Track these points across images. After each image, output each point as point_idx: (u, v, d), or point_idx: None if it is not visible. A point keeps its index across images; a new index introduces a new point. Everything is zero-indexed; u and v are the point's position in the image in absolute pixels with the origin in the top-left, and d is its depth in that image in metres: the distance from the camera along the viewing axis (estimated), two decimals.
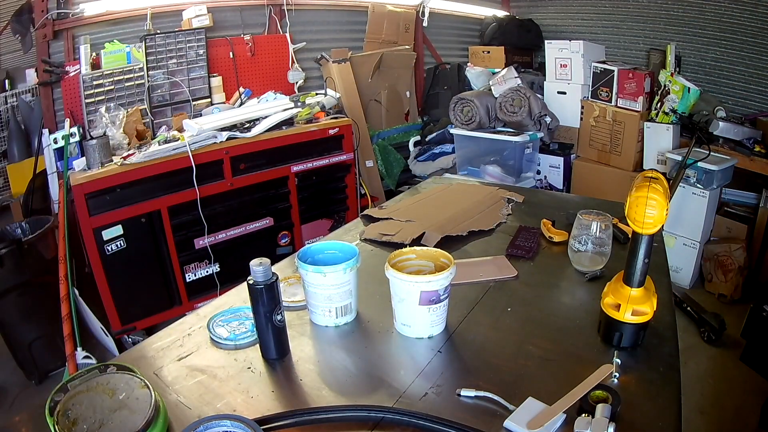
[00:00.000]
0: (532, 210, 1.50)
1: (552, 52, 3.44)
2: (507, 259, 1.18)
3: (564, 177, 3.51)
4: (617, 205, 1.32)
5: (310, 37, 3.41)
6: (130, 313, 2.36)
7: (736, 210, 2.99)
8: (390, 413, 0.71)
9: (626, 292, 0.83)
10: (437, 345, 0.88)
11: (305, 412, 0.71)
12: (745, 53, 3.32)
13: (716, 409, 2.04)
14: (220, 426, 0.64)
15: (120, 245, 2.25)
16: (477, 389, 0.75)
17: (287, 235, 2.77)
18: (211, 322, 0.95)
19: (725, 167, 2.71)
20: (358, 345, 0.91)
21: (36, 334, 2.19)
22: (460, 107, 3.31)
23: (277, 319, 0.82)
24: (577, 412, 0.69)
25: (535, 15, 4.43)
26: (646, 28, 3.79)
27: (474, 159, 3.37)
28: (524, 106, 3.16)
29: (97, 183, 2.17)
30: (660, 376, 0.79)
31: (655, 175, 0.80)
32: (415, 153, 3.89)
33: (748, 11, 3.23)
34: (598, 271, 1.09)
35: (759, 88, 3.31)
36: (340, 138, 2.87)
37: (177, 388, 0.79)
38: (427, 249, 0.98)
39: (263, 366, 0.84)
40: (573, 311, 0.99)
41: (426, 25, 4.12)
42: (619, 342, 0.85)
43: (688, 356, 2.34)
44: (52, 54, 2.60)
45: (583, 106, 3.40)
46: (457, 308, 0.97)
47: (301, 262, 0.93)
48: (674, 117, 3.04)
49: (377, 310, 0.98)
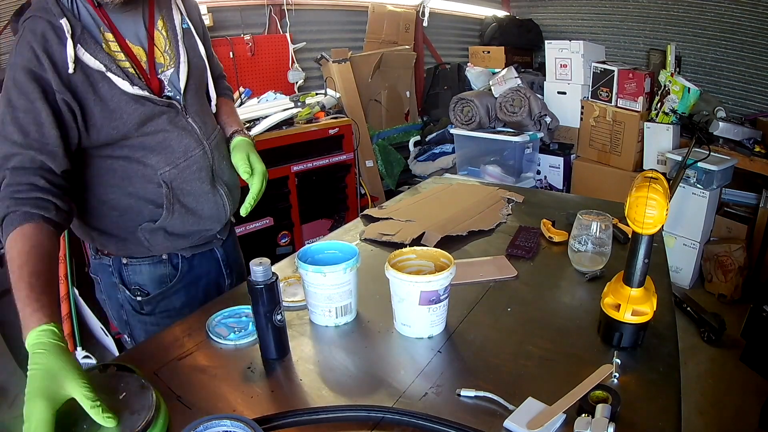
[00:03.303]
0: (532, 210, 1.50)
1: (552, 52, 3.44)
2: (507, 259, 1.18)
3: (564, 177, 3.51)
4: (617, 205, 1.32)
5: (310, 37, 3.41)
6: None
7: (736, 210, 2.99)
8: (390, 413, 0.71)
9: (626, 292, 0.83)
10: (437, 345, 0.88)
11: (305, 412, 0.71)
12: (745, 53, 3.33)
13: (716, 409, 2.04)
14: (220, 426, 0.64)
15: None
16: (477, 389, 0.75)
17: (287, 235, 2.77)
18: (211, 322, 0.95)
19: (725, 167, 2.71)
20: (358, 345, 0.91)
21: None
22: (460, 107, 3.31)
23: (277, 319, 0.82)
24: (577, 412, 0.69)
25: (535, 15, 4.44)
26: (646, 28, 3.79)
27: (474, 159, 3.37)
28: (524, 106, 3.16)
29: None
30: (660, 376, 0.79)
31: (655, 175, 0.80)
32: (415, 153, 3.89)
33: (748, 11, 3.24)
34: (598, 271, 1.09)
35: (759, 88, 3.32)
36: (340, 138, 2.87)
37: (177, 388, 0.79)
38: (427, 249, 0.98)
39: (263, 366, 0.84)
40: (573, 311, 0.99)
41: (426, 25, 4.12)
42: (619, 342, 0.85)
43: (688, 356, 2.34)
44: None
45: (583, 106, 3.40)
46: (457, 308, 0.97)
47: (301, 262, 0.93)
48: (674, 117, 3.04)
49: (377, 310, 0.98)
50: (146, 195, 1.04)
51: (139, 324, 1.15)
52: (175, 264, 1.14)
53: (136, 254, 1.10)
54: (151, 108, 0.99)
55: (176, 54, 1.06)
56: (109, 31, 0.96)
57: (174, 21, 1.06)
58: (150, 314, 1.14)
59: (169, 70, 1.05)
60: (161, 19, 1.04)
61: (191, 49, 1.09)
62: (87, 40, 0.92)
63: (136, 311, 1.14)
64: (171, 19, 1.06)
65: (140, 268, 1.11)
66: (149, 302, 1.13)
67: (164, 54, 1.04)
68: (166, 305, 1.14)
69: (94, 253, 1.13)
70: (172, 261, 1.13)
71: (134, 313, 1.14)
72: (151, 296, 1.13)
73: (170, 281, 1.14)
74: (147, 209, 1.05)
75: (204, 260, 1.19)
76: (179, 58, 1.06)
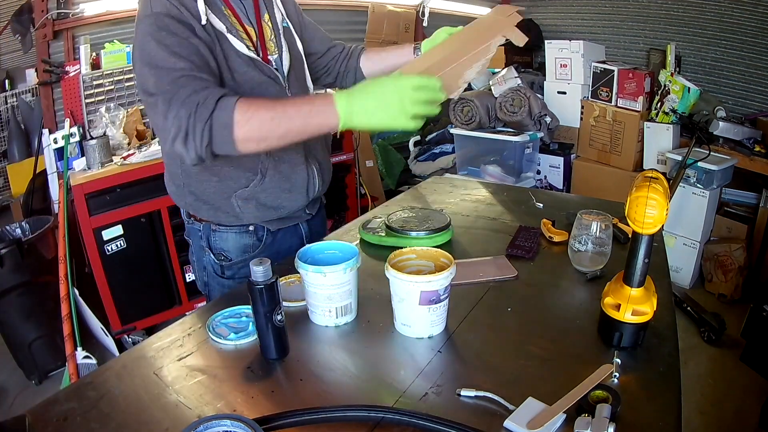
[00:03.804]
0: (532, 210, 1.50)
1: (552, 52, 3.44)
2: (507, 259, 1.18)
3: (564, 177, 3.51)
4: (617, 205, 1.32)
5: None
6: (130, 313, 2.36)
7: (736, 210, 2.99)
8: (390, 413, 0.71)
9: (626, 292, 0.83)
10: (437, 345, 0.88)
11: (305, 412, 0.71)
12: (745, 53, 3.32)
13: (716, 409, 2.04)
14: (220, 426, 0.64)
15: (120, 245, 2.25)
16: (477, 389, 0.74)
17: None
18: (211, 322, 0.95)
19: (725, 167, 2.71)
20: (358, 345, 0.91)
21: (36, 334, 2.19)
22: (460, 107, 3.31)
23: (277, 319, 0.82)
24: (577, 412, 0.69)
25: (535, 15, 4.43)
26: (646, 28, 3.79)
27: (474, 159, 3.37)
28: (524, 106, 3.16)
29: (97, 183, 2.18)
30: (660, 376, 0.79)
31: (655, 175, 0.80)
32: (415, 153, 3.89)
33: (748, 11, 3.23)
34: (598, 271, 1.09)
35: (759, 88, 3.31)
36: (340, 138, 2.87)
37: (177, 388, 0.79)
38: (427, 249, 0.98)
39: (263, 366, 0.84)
40: (573, 311, 0.99)
41: (426, 25, 4.12)
42: (619, 342, 0.85)
43: (688, 356, 2.34)
44: (52, 54, 2.60)
45: (583, 106, 3.40)
46: (457, 308, 0.97)
47: (301, 262, 0.93)
48: (674, 117, 3.04)
49: (377, 310, 0.98)
50: (245, 162, 1.12)
51: (217, 286, 1.25)
52: (260, 236, 1.22)
53: (225, 222, 1.18)
54: (260, 74, 1.09)
55: (279, 46, 1.17)
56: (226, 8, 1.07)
57: (276, 18, 1.18)
58: (230, 278, 1.23)
59: (275, 55, 1.16)
60: (267, 13, 1.16)
61: (291, 46, 1.20)
62: (212, 3, 1.02)
63: (217, 274, 1.23)
64: (274, 16, 1.18)
65: (227, 236, 1.20)
66: (230, 267, 1.22)
67: (270, 41, 1.16)
68: (245, 272, 1.20)
69: (186, 218, 1.25)
70: (257, 233, 1.22)
71: (215, 276, 1.24)
72: (233, 262, 1.22)
73: (253, 251, 1.22)
74: (245, 177, 1.13)
75: (288, 234, 1.27)
76: (281, 49, 1.17)
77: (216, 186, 1.14)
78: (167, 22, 0.94)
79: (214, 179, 1.13)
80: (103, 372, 0.85)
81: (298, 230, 1.29)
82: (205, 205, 1.17)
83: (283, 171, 1.16)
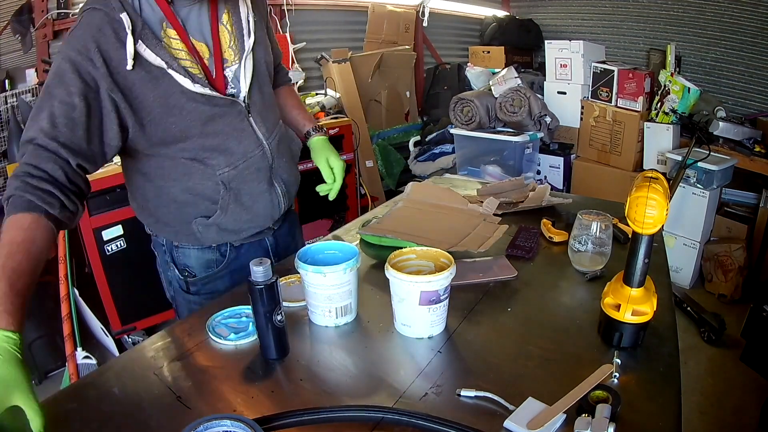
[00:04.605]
0: (532, 210, 1.50)
1: (552, 52, 3.44)
2: (507, 259, 1.18)
3: (564, 177, 3.51)
4: (617, 205, 1.32)
5: (310, 37, 3.41)
6: (130, 313, 2.36)
7: (736, 210, 2.99)
8: (390, 413, 0.71)
9: (626, 292, 0.83)
10: (437, 345, 0.88)
11: (305, 412, 0.71)
12: (745, 53, 3.33)
13: (716, 409, 2.05)
14: (220, 426, 0.64)
15: (120, 245, 2.25)
16: (477, 389, 0.74)
17: None
18: (211, 322, 0.95)
19: (725, 167, 2.71)
20: (358, 345, 0.91)
21: (36, 334, 2.19)
22: (460, 107, 3.31)
23: (277, 319, 0.82)
24: (577, 412, 0.69)
25: (535, 15, 4.44)
26: (646, 28, 3.79)
27: (474, 159, 3.37)
28: (524, 106, 3.16)
29: (97, 183, 2.17)
30: (660, 376, 0.79)
31: (655, 175, 0.80)
32: (415, 153, 3.89)
33: (748, 11, 3.24)
34: (598, 271, 1.09)
35: (759, 88, 3.32)
36: (340, 138, 2.87)
37: (177, 388, 0.79)
38: (428, 249, 0.98)
39: (263, 366, 0.84)
40: (573, 311, 0.99)
41: (426, 25, 4.12)
42: (619, 342, 0.85)
43: (688, 356, 2.34)
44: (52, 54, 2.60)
45: (583, 106, 3.40)
46: (457, 308, 0.97)
47: (301, 262, 0.93)
48: (674, 117, 3.04)
49: (377, 310, 0.98)
50: (204, 191, 1.08)
51: (184, 302, 1.22)
52: (222, 252, 1.18)
53: (186, 243, 1.15)
54: (212, 107, 1.00)
55: (240, 49, 1.06)
56: (171, 27, 0.95)
57: (240, 14, 1.06)
58: (195, 294, 1.20)
59: (234, 65, 1.05)
60: (227, 12, 1.04)
61: (257, 42, 1.08)
62: (148, 35, 0.92)
63: (182, 290, 1.20)
64: (237, 12, 1.05)
65: (189, 252, 1.16)
66: (195, 284, 1.19)
67: (229, 49, 1.05)
68: (210, 288, 1.19)
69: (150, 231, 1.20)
70: (220, 249, 1.18)
71: (181, 292, 1.20)
72: (198, 278, 1.18)
73: (216, 266, 1.18)
74: (203, 204, 1.10)
75: (252, 249, 1.22)
76: (243, 53, 1.05)
77: (175, 211, 1.10)
78: (65, 72, 0.87)
79: (173, 205, 1.09)
80: (103, 372, 0.85)
81: (263, 243, 1.25)
82: (166, 227, 1.14)
83: (244, 203, 1.12)
